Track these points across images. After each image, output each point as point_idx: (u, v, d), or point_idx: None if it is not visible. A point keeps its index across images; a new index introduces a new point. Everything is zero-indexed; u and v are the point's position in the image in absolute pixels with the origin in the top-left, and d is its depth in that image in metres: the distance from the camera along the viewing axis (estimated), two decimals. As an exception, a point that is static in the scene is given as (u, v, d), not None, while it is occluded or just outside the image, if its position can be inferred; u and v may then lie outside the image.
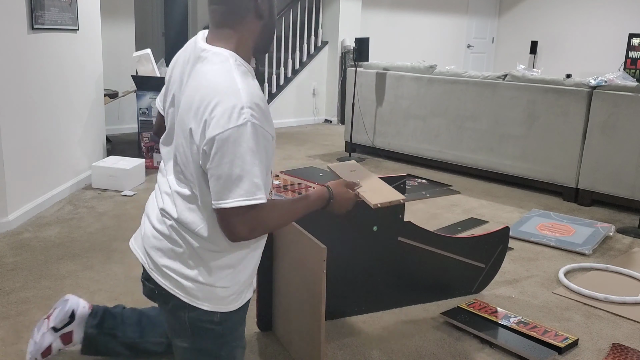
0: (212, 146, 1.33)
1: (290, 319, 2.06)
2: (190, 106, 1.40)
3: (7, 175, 3.18)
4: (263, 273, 2.18)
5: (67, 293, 2.50)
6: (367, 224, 2.31)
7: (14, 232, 3.20)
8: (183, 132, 1.42)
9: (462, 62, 9.30)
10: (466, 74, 4.82)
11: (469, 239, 2.57)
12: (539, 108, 4.35)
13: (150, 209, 1.60)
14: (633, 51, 7.29)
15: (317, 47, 7.31)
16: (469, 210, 3.95)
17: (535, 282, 2.83)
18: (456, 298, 2.60)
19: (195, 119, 1.37)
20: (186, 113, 1.41)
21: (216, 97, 1.35)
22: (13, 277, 2.65)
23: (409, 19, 8.38)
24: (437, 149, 5.02)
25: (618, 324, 2.43)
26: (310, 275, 1.85)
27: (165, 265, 1.50)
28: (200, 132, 1.36)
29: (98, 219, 3.48)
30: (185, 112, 1.42)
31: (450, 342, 2.24)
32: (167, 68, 1.62)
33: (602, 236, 3.38)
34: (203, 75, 1.40)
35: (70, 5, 3.83)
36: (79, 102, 4.08)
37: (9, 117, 3.17)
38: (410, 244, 2.42)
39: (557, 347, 2.17)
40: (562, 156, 4.25)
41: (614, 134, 3.99)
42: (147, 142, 4.69)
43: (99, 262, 2.86)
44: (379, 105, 5.41)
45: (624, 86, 3.97)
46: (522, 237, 3.40)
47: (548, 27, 9.08)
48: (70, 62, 3.91)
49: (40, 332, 1.85)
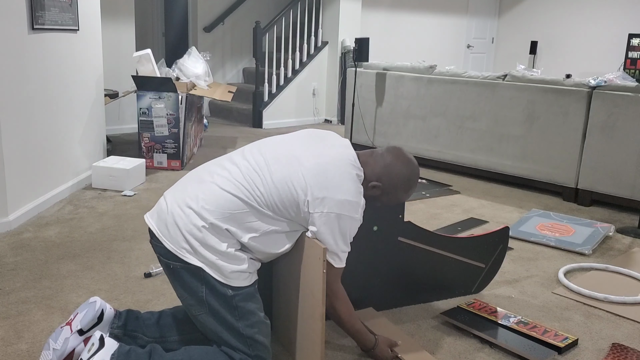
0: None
1: (290, 319, 2.06)
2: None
3: (7, 175, 3.19)
4: (263, 273, 2.18)
5: (67, 293, 2.51)
6: (367, 224, 2.31)
7: (14, 232, 3.21)
8: None
9: (462, 62, 9.30)
10: (466, 74, 4.82)
11: (469, 239, 2.57)
12: (538, 108, 4.35)
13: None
14: (633, 51, 7.29)
15: (317, 47, 7.31)
16: (469, 210, 3.95)
17: (535, 282, 2.83)
18: (456, 298, 2.60)
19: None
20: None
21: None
22: (13, 277, 2.65)
23: (409, 19, 8.38)
24: (437, 149, 5.03)
25: (618, 324, 2.44)
26: (310, 275, 1.85)
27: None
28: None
29: (98, 219, 3.48)
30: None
31: (450, 342, 2.24)
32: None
33: (601, 236, 3.38)
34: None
35: (70, 5, 3.83)
36: (79, 102, 4.08)
37: (9, 117, 3.17)
38: (410, 244, 2.42)
39: (557, 347, 2.17)
40: (562, 156, 4.26)
41: (613, 134, 4.00)
42: (147, 142, 4.69)
43: (99, 262, 2.86)
44: (378, 105, 5.41)
45: (623, 86, 3.98)
46: (522, 237, 3.41)
47: (548, 27, 9.08)
48: (70, 63, 3.92)
49: (61, 338, 1.81)
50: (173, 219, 1.77)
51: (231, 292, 1.76)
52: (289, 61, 7.06)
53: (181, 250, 1.74)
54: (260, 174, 1.78)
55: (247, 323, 1.78)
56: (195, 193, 1.79)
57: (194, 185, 1.83)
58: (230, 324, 1.77)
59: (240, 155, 1.88)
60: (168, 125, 4.66)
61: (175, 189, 1.87)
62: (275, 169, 1.79)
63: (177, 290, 1.83)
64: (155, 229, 1.81)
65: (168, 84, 4.59)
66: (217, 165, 1.87)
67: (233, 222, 1.75)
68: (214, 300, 1.76)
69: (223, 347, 1.79)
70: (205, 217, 1.74)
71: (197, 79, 4.96)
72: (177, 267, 1.77)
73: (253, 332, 1.79)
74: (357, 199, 1.79)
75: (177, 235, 1.75)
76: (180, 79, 4.90)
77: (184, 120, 4.70)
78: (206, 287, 1.75)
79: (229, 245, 1.75)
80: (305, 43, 7.18)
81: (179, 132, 4.66)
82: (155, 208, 1.87)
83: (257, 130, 6.73)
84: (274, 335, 2.22)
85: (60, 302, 2.43)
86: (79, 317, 1.85)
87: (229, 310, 1.77)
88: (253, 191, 1.77)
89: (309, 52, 7.25)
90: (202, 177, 1.84)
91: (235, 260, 1.76)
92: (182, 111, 4.67)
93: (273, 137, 1.96)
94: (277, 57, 7.18)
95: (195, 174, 1.89)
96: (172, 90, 4.61)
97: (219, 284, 1.75)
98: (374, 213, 2.31)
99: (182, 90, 4.67)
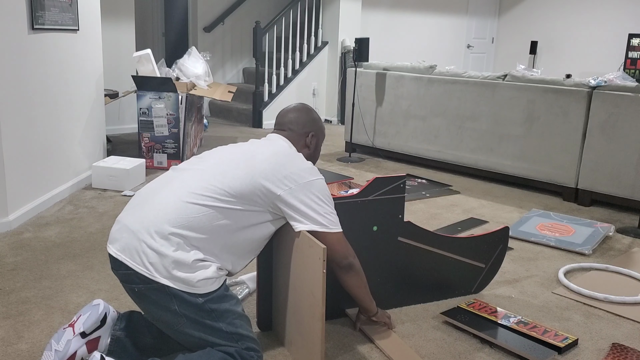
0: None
1: (290, 319, 2.06)
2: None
3: (7, 175, 3.19)
4: (263, 273, 2.18)
5: (67, 293, 2.51)
6: (367, 224, 2.31)
7: (14, 232, 3.21)
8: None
9: (462, 62, 9.30)
10: (466, 74, 4.82)
11: (468, 239, 2.57)
12: (538, 108, 4.35)
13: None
14: (633, 51, 7.29)
15: (317, 47, 7.31)
16: (469, 210, 3.95)
17: (535, 282, 2.83)
18: (456, 298, 2.60)
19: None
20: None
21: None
22: (13, 277, 2.65)
23: (409, 19, 8.38)
24: (437, 149, 5.03)
25: (618, 324, 2.44)
26: (310, 275, 1.86)
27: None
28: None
29: (98, 219, 3.48)
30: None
31: (450, 342, 2.24)
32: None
33: (601, 236, 3.38)
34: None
35: (70, 5, 3.83)
36: (79, 102, 4.08)
37: (9, 117, 3.17)
38: (410, 244, 2.42)
39: (557, 347, 2.17)
40: (562, 156, 4.26)
41: (614, 134, 4.00)
42: (147, 142, 4.69)
43: (99, 262, 2.86)
44: (379, 106, 5.41)
45: (623, 86, 3.98)
46: (521, 237, 3.41)
47: (548, 27, 9.08)
48: (70, 63, 3.92)
49: (63, 340, 1.81)
50: (133, 239, 1.77)
51: (201, 300, 1.76)
52: (289, 61, 7.06)
53: (144, 269, 1.73)
54: (220, 172, 1.86)
55: (227, 322, 1.80)
56: (152, 209, 1.80)
57: (149, 203, 1.84)
58: (211, 327, 1.78)
59: (189, 164, 1.97)
60: (168, 125, 4.66)
61: (128, 211, 1.87)
62: (234, 165, 1.87)
63: (149, 311, 1.81)
64: (114, 252, 1.79)
65: (168, 84, 4.60)
66: (169, 178, 1.92)
67: (195, 229, 1.76)
68: (188, 310, 1.75)
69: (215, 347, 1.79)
70: (164, 229, 1.75)
71: (197, 79, 4.96)
72: (142, 289, 1.76)
73: (235, 327, 1.81)
74: (308, 164, 1.97)
75: (138, 254, 1.74)
76: (180, 79, 4.90)
77: (184, 120, 4.70)
78: (176, 300, 1.74)
79: (192, 255, 1.75)
80: (305, 43, 7.18)
81: (179, 132, 4.67)
82: (111, 235, 1.85)
83: (257, 130, 6.73)
84: (274, 335, 2.23)
85: (60, 302, 2.43)
86: (81, 319, 1.84)
87: (205, 315, 1.77)
88: (215, 189, 1.81)
89: (309, 52, 7.26)
90: (155, 192, 1.87)
91: (199, 270, 1.76)
92: (182, 111, 4.68)
93: (214, 149, 2.05)
94: (277, 57, 7.18)
95: (145, 193, 1.91)
96: (172, 90, 4.61)
97: (188, 294, 1.74)
98: (374, 213, 2.31)
99: (182, 90, 4.67)
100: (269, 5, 7.90)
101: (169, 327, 1.81)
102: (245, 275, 2.61)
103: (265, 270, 2.18)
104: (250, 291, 2.56)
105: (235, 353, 1.77)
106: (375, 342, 2.18)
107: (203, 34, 7.31)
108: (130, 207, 1.88)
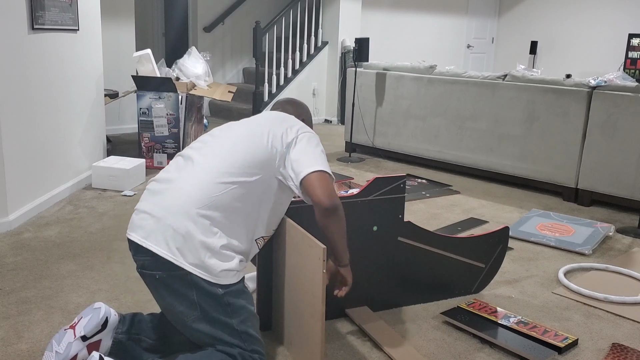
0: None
1: (290, 319, 2.06)
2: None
3: (7, 175, 3.19)
4: (263, 273, 2.18)
5: (67, 293, 2.51)
6: (367, 224, 2.31)
7: (14, 232, 3.21)
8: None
9: (462, 62, 9.30)
10: (466, 74, 4.82)
11: (468, 239, 2.57)
12: (538, 108, 4.35)
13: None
14: (633, 51, 7.29)
15: (317, 47, 7.31)
16: (469, 210, 3.95)
17: (535, 282, 2.83)
18: (456, 298, 2.60)
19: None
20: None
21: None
22: (13, 277, 2.65)
23: (409, 19, 8.38)
24: (437, 149, 5.03)
25: (618, 324, 2.44)
26: (310, 275, 1.86)
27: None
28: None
29: (98, 219, 3.48)
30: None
31: (450, 342, 2.24)
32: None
33: (601, 236, 3.38)
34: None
35: (70, 5, 3.83)
36: (79, 102, 4.08)
37: (9, 117, 3.17)
38: (410, 244, 2.42)
39: (557, 347, 2.17)
40: (562, 156, 4.26)
41: (613, 134, 4.00)
42: (147, 142, 4.69)
43: (99, 262, 2.86)
44: (379, 106, 5.41)
45: (623, 86, 3.98)
46: (522, 237, 3.41)
47: (548, 27, 9.08)
48: (70, 63, 3.92)
49: (64, 342, 1.80)
50: (159, 225, 1.77)
51: (221, 291, 1.77)
52: (289, 61, 7.06)
53: (170, 254, 1.74)
54: (232, 145, 1.90)
55: (240, 319, 1.80)
56: (174, 194, 1.81)
57: (169, 189, 1.84)
58: (223, 322, 1.78)
59: (200, 143, 1.98)
60: (168, 125, 4.66)
61: (147, 200, 1.87)
62: (243, 137, 1.92)
63: (164, 300, 1.81)
64: (138, 239, 1.79)
65: (168, 84, 4.60)
66: (183, 162, 1.93)
67: (219, 208, 1.78)
68: (205, 301, 1.76)
69: (219, 347, 1.79)
70: (190, 211, 1.76)
71: (197, 79, 4.96)
72: (164, 277, 1.76)
73: (246, 326, 1.81)
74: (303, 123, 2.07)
75: (165, 240, 1.75)
76: (180, 79, 4.90)
77: (184, 120, 4.70)
78: (196, 289, 1.75)
79: (217, 240, 1.76)
80: (305, 43, 7.18)
81: (179, 132, 4.67)
82: (133, 223, 1.85)
83: (257, 130, 6.72)
84: (274, 335, 2.23)
85: (60, 302, 2.43)
86: (82, 322, 1.83)
87: (221, 308, 1.77)
88: (231, 165, 1.84)
89: (309, 52, 7.26)
90: (173, 178, 1.87)
91: (224, 258, 1.78)
92: (182, 111, 4.68)
93: (222, 127, 2.07)
94: (277, 57, 7.18)
95: (161, 180, 1.91)
96: (172, 90, 4.61)
97: (209, 284, 1.75)
98: (374, 213, 2.31)
99: (182, 90, 4.67)
100: (269, 5, 7.90)
101: (179, 319, 1.81)
102: (245, 275, 2.61)
103: (265, 270, 2.18)
104: (250, 291, 2.56)
105: (238, 355, 1.76)
106: (376, 342, 2.18)
107: (203, 34, 7.31)
108: (150, 195, 1.88)
